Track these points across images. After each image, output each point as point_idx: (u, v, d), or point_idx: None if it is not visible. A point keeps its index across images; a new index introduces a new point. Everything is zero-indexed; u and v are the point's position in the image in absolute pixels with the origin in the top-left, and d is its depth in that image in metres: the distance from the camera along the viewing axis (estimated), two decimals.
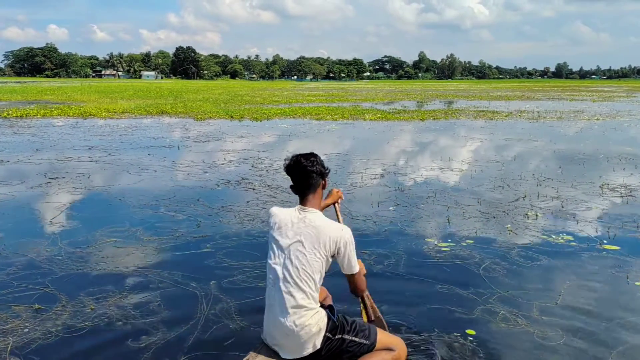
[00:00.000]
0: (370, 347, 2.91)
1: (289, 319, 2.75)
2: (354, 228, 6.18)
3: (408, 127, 18.78)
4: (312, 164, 2.94)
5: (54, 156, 11.43)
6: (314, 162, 2.95)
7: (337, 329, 2.87)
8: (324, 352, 2.84)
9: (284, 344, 2.82)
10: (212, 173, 9.65)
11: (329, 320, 2.86)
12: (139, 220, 6.46)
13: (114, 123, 19.18)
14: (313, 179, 2.94)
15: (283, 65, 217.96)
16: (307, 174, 2.93)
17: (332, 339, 2.84)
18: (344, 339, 2.86)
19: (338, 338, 2.86)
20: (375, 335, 2.95)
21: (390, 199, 7.70)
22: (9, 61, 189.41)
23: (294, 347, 2.80)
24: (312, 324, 2.77)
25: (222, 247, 5.47)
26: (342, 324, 2.90)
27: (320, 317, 2.83)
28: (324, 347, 2.83)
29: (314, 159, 2.96)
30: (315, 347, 2.81)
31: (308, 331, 2.76)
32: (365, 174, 9.69)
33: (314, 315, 2.80)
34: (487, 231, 6.12)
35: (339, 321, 2.91)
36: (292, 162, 2.97)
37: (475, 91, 61.05)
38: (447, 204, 7.43)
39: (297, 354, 2.81)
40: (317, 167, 2.94)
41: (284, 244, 2.84)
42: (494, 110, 27.44)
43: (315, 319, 2.79)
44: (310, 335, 2.78)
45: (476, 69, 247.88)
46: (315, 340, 2.80)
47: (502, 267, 4.97)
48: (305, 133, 16.70)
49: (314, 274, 2.79)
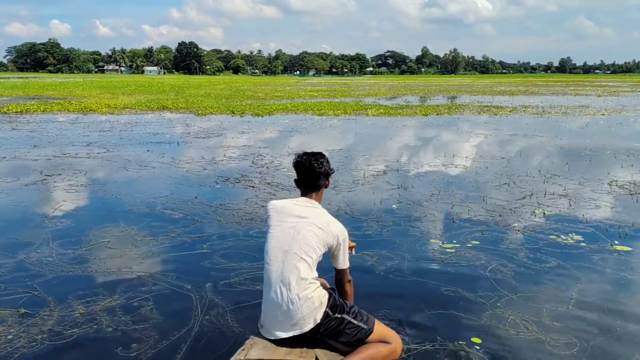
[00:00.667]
0: (368, 332, 2.93)
1: (293, 291, 2.80)
2: (355, 227, 6.02)
3: (411, 123, 18.55)
4: (321, 165, 3.07)
5: (52, 152, 11.26)
6: (322, 163, 3.09)
7: (338, 308, 2.93)
8: (322, 329, 2.87)
9: (285, 320, 2.83)
10: (211, 170, 9.46)
11: (330, 297, 2.94)
12: (134, 219, 6.28)
13: (114, 119, 19.01)
14: (320, 180, 3.09)
15: (286, 61, 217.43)
16: (315, 176, 3.06)
17: (331, 317, 2.88)
18: (343, 319, 2.90)
19: (337, 317, 2.89)
20: (373, 323, 2.98)
21: (392, 197, 7.50)
22: (11, 57, 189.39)
23: (295, 321, 2.82)
24: (315, 297, 2.83)
25: (218, 248, 5.28)
26: (342, 305, 2.97)
27: (322, 292, 2.91)
28: (323, 324, 2.86)
29: (322, 160, 3.09)
30: (316, 322, 2.84)
31: (310, 304, 2.81)
32: (367, 170, 9.49)
33: (317, 289, 2.87)
34: (493, 231, 5.92)
35: (339, 301, 2.98)
36: (302, 160, 3.08)
37: (478, 86, 60.69)
38: (452, 202, 7.23)
39: (296, 328, 2.83)
40: (324, 168, 3.09)
41: (291, 221, 2.94)
42: (498, 105, 27.18)
43: (317, 293, 2.86)
44: (312, 308, 2.82)
45: (479, 64, 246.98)
46: (316, 314, 2.84)
47: (510, 269, 4.77)
48: (306, 129, 16.50)
49: (315, 250, 2.89)
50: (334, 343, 2.95)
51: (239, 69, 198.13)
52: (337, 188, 7.99)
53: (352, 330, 2.90)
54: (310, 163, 3.06)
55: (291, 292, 2.80)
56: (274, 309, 2.86)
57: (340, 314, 2.91)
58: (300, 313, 2.81)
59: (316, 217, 2.99)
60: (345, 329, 2.90)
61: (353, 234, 5.75)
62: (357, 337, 2.91)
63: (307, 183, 3.09)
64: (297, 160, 3.12)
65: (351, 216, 6.47)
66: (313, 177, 3.07)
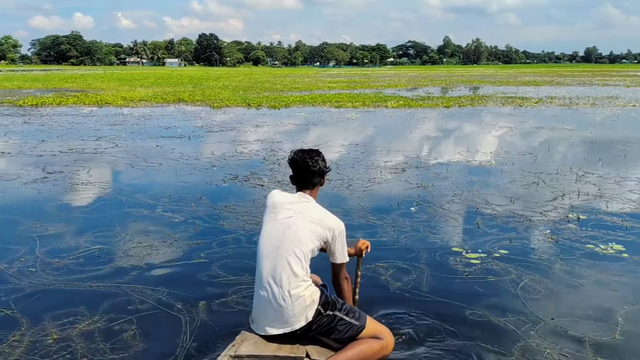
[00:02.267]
0: (360, 329, 2.89)
1: (284, 289, 2.78)
2: (370, 233, 5.49)
3: (432, 115, 17.88)
4: (315, 163, 3.03)
5: (58, 147, 10.91)
6: (317, 161, 3.04)
7: (329, 305, 2.89)
8: (314, 327, 2.84)
9: (276, 317, 2.81)
10: (220, 167, 8.99)
11: (322, 295, 2.91)
12: (131, 223, 5.83)
13: (128, 112, 18.69)
14: (314, 178, 3.05)
15: (306, 52, 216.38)
16: (310, 173, 3.03)
17: (323, 315, 2.85)
18: (335, 316, 2.87)
19: (329, 314, 2.86)
20: (365, 319, 2.94)
21: (411, 197, 6.94)
22: (35, 49, 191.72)
23: (286, 318, 2.80)
24: (306, 295, 2.81)
25: (218, 257, 4.80)
26: (334, 302, 2.93)
27: (313, 290, 2.88)
28: (315, 322, 2.83)
29: (317, 158, 3.05)
30: (307, 320, 2.81)
31: (302, 302, 2.79)
32: (384, 167, 8.93)
33: (308, 287, 2.85)
34: (523, 239, 5.34)
35: (330, 298, 2.94)
36: (297, 157, 3.05)
37: (502, 76, 59.35)
38: (476, 203, 6.64)
39: (288, 326, 2.81)
40: (319, 167, 3.04)
41: (284, 215, 2.92)
42: (522, 97, 26.27)
43: (309, 291, 2.84)
44: (304, 306, 2.80)
45: (502, 54, 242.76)
46: (307, 312, 2.81)
47: (544, 286, 4.20)
48: (323, 122, 15.95)
49: (308, 247, 2.86)
50: (326, 340, 2.91)
51: (259, 60, 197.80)
52: (352, 187, 7.45)
53: (344, 327, 2.87)
54: (304, 161, 3.03)
55: (282, 290, 2.79)
56: (264, 306, 2.84)
57: (332, 311, 2.88)
58: (292, 311, 2.79)
59: (309, 211, 2.96)
60: (337, 326, 2.87)
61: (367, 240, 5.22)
62: (349, 334, 2.87)
63: (302, 181, 3.08)
64: (291, 157, 3.10)
65: (365, 220, 5.94)
66: (308, 175, 3.05)
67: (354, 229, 5.57)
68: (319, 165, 3.05)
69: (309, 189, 3.07)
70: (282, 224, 2.91)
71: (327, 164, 3.14)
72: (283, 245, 2.85)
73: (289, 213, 2.94)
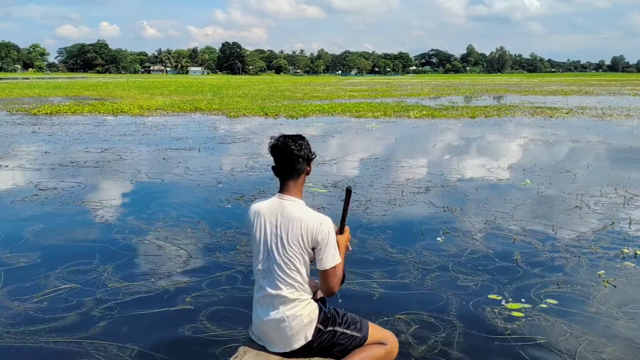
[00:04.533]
0: (362, 340, 2.81)
1: (280, 310, 2.68)
2: (389, 271, 4.63)
3: (457, 126, 16.94)
4: (300, 147, 2.75)
5: (60, 160, 10.30)
6: (302, 145, 2.77)
7: (329, 321, 2.79)
8: (315, 344, 2.75)
9: (275, 336, 2.72)
10: (227, 183, 8.24)
11: (321, 312, 2.79)
12: (114, 253, 5.09)
13: (142, 121, 18.14)
14: (299, 164, 2.76)
15: (328, 60, 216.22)
16: (294, 159, 2.73)
17: (323, 331, 2.76)
18: (336, 331, 2.78)
19: (330, 330, 2.77)
20: (367, 329, 2.85)
21: (437, 224, 6.09)
22: (62, 57, 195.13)
23: (286, 339, 2.70)
24: (304, 314, 2.71)
25: (206, 303, 4.02)
26: (333, 316, 2.82)
27: (312, 308, 2.76)
28: (315, 340, 2.74)
29: (301, 142, 2.78)
30: (307, 339, 2.72)
31: (300, 322, 2.69)
32: (406, 186, 8.08)
33: (306, 306, 2.73)
34: (573, 282, 4.45)
35: (330, 313, 2.82)
36: (278, 142, 2.76)
37: (527, 85, 57.90)
38: (513, 232, 5.76)
39: (288, 346, 2.72)
40: (304, 151, 2.76)
41: (265, 239, 2.73)
42: (551, 107, 25.13)
43: (307, 310, 2.72)
44: (302, 326, 2.70)
45: (527, 63, 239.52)
46: (306, 331, 2.72)
47: (609, 354, 3.32)
48: (341, 133, 15.16)
49: (298, 267, 2.69)
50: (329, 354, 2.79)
51: (281, 68, 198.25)
52: (370, 211, 6.63)
53: (346, 340, 2.79)
54: (287, 145, 2.72)
55: (278, 312, 2.69)
56: (262, 326, 2.75)
57: (332, 326, 2.78)
58: (290, 331, 2.69)
59: (287, 227, 2.68)
60: (339, 341, 2.78)
61: (386, 281, 4.42)
62: (352, 346, 2.79)
63: (285, 168, 2.75)
64: (273, 143, 2.78)
65: (384, 253, 5.11)
66: (291, 161, 2.73)
67: (372, 266, 4.75)
68: (303, 150, 2.74)
69: (294, 179, 2.76)
70: (268, 247, 2.71)
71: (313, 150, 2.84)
72: (275, 273, 2.68)
73: (273, 233, 2.70)
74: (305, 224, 2.66)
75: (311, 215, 2.71)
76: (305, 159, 2.78)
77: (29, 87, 48.17)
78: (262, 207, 2.78)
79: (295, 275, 2.67)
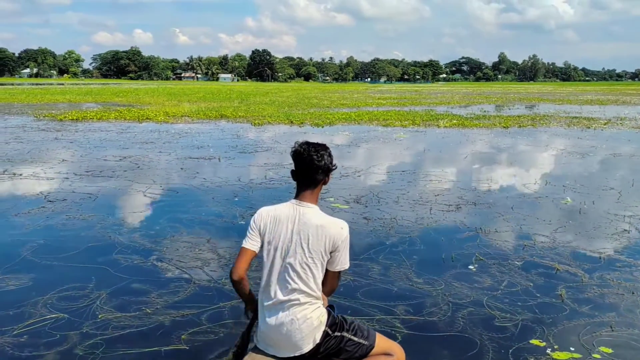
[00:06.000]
0: (369, 348, 2.81)
1: (290, 312, 2.69)
2: (415, 305, 4.05)
3: (489, 137, 16.22)
4: (321, 158, 2.78)
5: (75, 169, 10.00)
6: (323, 155, 2.79)
7: (337, 326, 2.80)
8: (322, 349, 2.76)
9: (283, 340, 2.71)
10: (243, 197, 7.79)
11: (329, 316, 2.81)
12: (111, 278, 4.64)
13: (165, 128, 17.90)
14: (318, 174, 2.79)
15: (357, 68, 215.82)
16: (313, 169, 2.77)
17: (330, 336, 2.77)
18: (343, 337, 2.79)
19: (337, 335, 2.78)
20: (374, 337, 2.86)
21: (469, 248, 5.50)
22: (96, 64, 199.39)
23: (295, 342, 2.70)
24: (314, 317, 2.72)
25: (204, 342, 3.54)
26: (341, 322, 2.84)
27: (321, 312, 2.78)
28: (323, 344, 2.75)
29: (323, 153, 2.80)
30: (315, 342, 2.73)
31: (310, 324, 2.70)
32: (435, 203, 7.48)
33: (316, 309, 2.75)
34: (629, 324, 3.82)
35: (338, 319, 2.84)
36: (301, 150, 2.78)
37: (561, 94, 56.38)
38: (555, 260, 5.14)
39: (297, 349, 2.71)
40: (324, 162, 2.78)
41: (282, 243, 2.74)
42: (588, 117, 24.10)
43: (316, 313, 2.74)
44: (312, 329, 2.71)
45: (560, 71, 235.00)
46: (315, 334, 2.72)
47: None
48: (367, 142, 14.60)
49: (315, 273, 2.73)
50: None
51: (310, 76, 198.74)
52: (395, 231, 6.07)
53: (353, 347, 2.79)
54: (309, 154, 2.77)
55: (289, 313, 2.70)
56: (271, 330, 2.74)
57: (340, 332, 2.80)
58: (300, 334, 2.69)
59: (308, 232, 2.73)
60: (345, 347, 2.79)
61: (411, 319, 3.87)
62: (359, 354, 2.80)
63: (304, 176, 2.81)
64: (295, 149, 2.83)
65: (409, 283, 4.55)
66: (311, 170, 2.79)
67: (395, 299, 4.21)
68: (324, 161, 2.78)
69: (311, 188, 2.81)
70: (285, 251, 2.74)
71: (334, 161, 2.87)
72: (288, 267, 2.72)
73: (291, 237, 2.74)
74: (327, 230, 2.72)
75: (330, 220, 2.79)
76: (325, 170, 2.80)
77: (61, 92, 48.92)
78: (278, 213, 2.81)
79: (310, 280, 2.72)
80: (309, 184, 2.81)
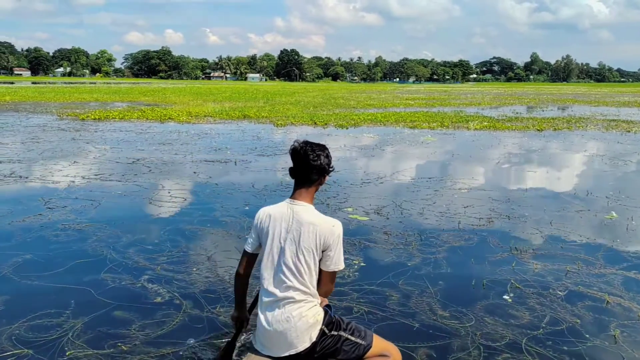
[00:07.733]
0: (366, 348, 2.80)
1: (286, 310, 2.70)
2: (440, 349, 3.40)
3: (522, 140, 15.34)
4: (317, 158, 2.79)
5: (85, 172, 9.58)
6: (320, 156, 2.80)
7: (334, 325, 2.80)
8: (319, 348, 2.74)
9: (279, 339, 2.71)
10: (254, 205, 7.21)
11: (326, 315, 2.81)
12: (92, 303, 4.09)
13: (186, 129, 17.50)
14: (313, 174, 2.81)
15: (385, 67, 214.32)
16: (309, 168, 2.79)
17: (327, 335, 2.76)
18: (340, 336, 2.79)
19: (334, 334, 2.78)
20: (371, 338, 2.85)
21: (504, 274, 4.80)
22: (128, 63, 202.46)
23: (290, 340, 2.69)
24: (309, 315, 2.72)
25: None
26: (338, 322, 2.84)
27: (317, 310, 2.78)
28: (319, 343, 2.73)
29: (320, 153, 2.81)
30: (311, 340, 2.72)
31: (305, 322, 2.70)
32: (464, 216, 6.79)
33: (312, 308, 2.76)
34: None
35: (335, 318, 2.84)
36: (298, 147, 2.81)
37: (596, 95, 54.52)
38: (604, 291, 4.41)
39: (292, 348, 2.70)
40: (320, 162, 2.79)
41: (277, 241, 2.77)
42: (628, 120, 22.91)
43: (312, 312, 2.74)
44: (307, 326, 2.70)
45: (594, 72, 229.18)
46: (311, 332, 2.72)
47: None
48: (392, 145, 13.90)
49: (309, 270, 2.74)
50: None
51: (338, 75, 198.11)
52: (418, 250, 5.39)
53: (349, 347, 2.79)
54: (305, 153, 2.77)
55: (284, 311, 2.71)
56: (267, 328, 2.73)
57: (336, 331, 2.79)
58: (295, 332, 2.69)
59: (300, 231, 2.74)
60: (342, 347, 2.78)
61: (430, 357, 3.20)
62: (356, 354, 2.79)
63: (300, 174, 2.83)
64: (293, 147, 2.83)
65: (433, 318, 3.88)
66: (306, 169, 2.79)
67: (415, 337, 3.56)
68: (320, 161, 2.79)
69: (306, 187, 2.84)
70: (280, 250, 2.76)
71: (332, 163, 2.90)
72: (284, 266, 2.73)
73: (285, 236, 2.76)
74: (318, 228, 2.74)
75: (323, 219, 2.79)
76: (320, 170, 2.80)
77: (90, 91, 49.34)
78: (274, 212, 2.84)
79: (305, 278, 2.72)
80: (303, 183, 2.83)
